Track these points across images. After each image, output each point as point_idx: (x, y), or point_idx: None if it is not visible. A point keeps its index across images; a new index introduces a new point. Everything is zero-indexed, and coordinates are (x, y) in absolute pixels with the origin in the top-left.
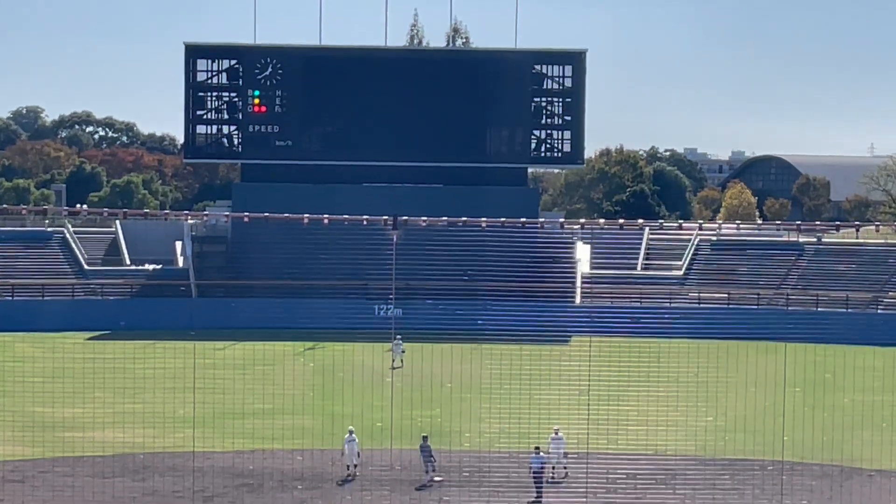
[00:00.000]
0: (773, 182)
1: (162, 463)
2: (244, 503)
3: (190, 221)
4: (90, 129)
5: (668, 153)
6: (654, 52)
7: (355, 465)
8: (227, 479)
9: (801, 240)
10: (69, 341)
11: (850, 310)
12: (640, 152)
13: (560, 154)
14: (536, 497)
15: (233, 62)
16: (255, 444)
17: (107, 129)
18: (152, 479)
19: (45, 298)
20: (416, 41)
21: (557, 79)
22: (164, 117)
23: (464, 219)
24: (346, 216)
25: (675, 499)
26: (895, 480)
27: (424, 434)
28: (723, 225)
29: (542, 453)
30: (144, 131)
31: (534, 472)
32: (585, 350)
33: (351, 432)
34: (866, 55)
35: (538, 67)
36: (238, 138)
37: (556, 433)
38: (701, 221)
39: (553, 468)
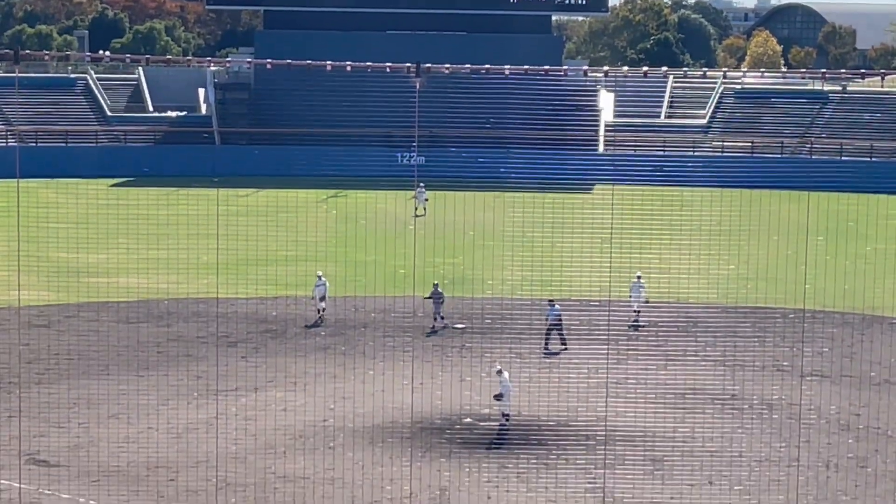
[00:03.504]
0: (798, 30)
1: (186, 309)
2: (268, 349)
3: (213, 68)
4: None
5: (693, 1)
6: None
7: (322, 310)
8: (250, 325)
9: (825, 88)
10: (93, 188)
11: (874, 159)
12: (665, 0)
13: (584, 1)
14: (563, 346)
15: None
16: (278, 291)
17: None
18: (177, 324)
19: (69, 145)
20: None
21: None
22: None
23: (487, 66)
24: (370, 63)
25: (696, 346)
26: None
27: (435, 282)
28: (747, 73)
29: (556, 305)
30: None
31: (550, 323)
32: (608, 199)
33: (320, 277)
34: None
35: None
36: None
37: (639, 279)
38: (725, 70)
39: (638, 313)
